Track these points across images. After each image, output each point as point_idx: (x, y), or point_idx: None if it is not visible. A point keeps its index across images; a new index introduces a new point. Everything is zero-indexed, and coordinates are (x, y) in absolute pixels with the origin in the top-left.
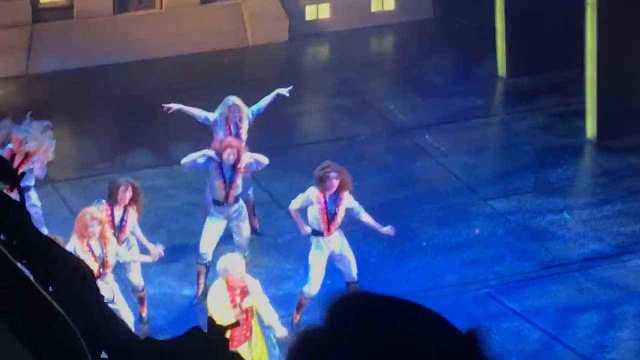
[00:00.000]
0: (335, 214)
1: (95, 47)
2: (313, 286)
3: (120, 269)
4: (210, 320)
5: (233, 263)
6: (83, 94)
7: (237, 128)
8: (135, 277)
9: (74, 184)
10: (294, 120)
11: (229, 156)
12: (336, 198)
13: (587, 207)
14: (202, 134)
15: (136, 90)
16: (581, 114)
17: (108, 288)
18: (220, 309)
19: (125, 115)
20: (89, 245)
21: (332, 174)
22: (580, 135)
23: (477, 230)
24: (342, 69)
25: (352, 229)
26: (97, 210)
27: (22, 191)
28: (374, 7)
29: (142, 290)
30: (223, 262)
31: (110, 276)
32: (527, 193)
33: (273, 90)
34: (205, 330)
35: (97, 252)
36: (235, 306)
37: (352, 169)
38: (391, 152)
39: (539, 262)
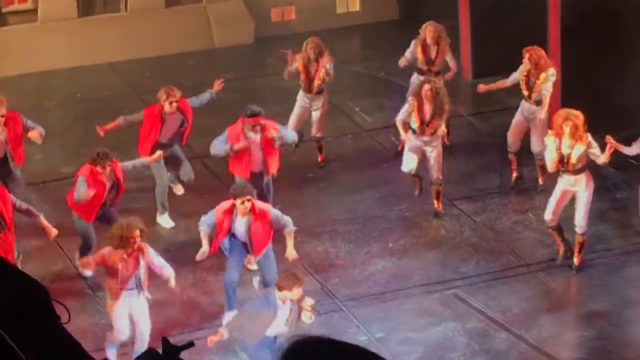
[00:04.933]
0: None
1: (60, 50)
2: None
3: None
4: (165, 341)
5: None
6: (48, 97)
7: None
8: None
9: (39, 188)
10: None
11: None
12: None
13: None
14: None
15: (101, 93)
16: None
17: None
18: None
19: (90, 118)
20: None
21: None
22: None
23: (443, 231)
24: None
25: (322, 230)
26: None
27: None
28: (340, 9)
29: None
30: None
31: None
32: (492, 193)
33: (239, 91)
34: (160, 351)
35: None
36: None
37: (318, 169)
38: (358, 153)
39: (505, 262)
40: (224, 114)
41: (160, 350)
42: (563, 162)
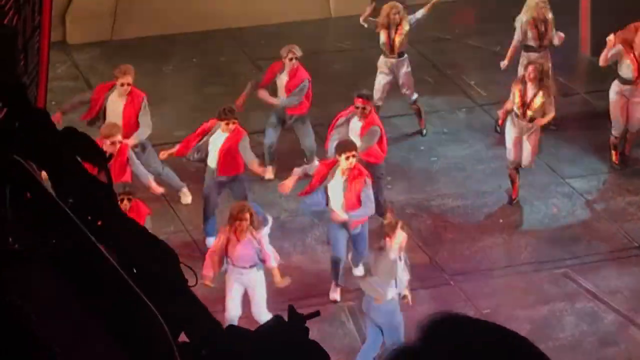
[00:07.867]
0: None
1: (178, 14)
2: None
3: None
4: (291, 309)
5: None
6: (165, 61)
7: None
8: None
9: (154, 150)
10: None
11: None
12: None
13: None
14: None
15: (217, 58)
16: None
17: None
18: None
19: (205, 84)
20: None
21: None
22: None
23: (554, 209)
24: (421, 42)
25: (431, 204)
26: None
27: (110, 173)
28: None
29: None
30: None
31: None
32: (606, 173)
33: (354, 61)
34: (286, 319)
35: None
36: None
37: (430, 140)
38: (471, 127)
39: (616, 243)
40: (338, 83)
41: (286, 318)
42: None
